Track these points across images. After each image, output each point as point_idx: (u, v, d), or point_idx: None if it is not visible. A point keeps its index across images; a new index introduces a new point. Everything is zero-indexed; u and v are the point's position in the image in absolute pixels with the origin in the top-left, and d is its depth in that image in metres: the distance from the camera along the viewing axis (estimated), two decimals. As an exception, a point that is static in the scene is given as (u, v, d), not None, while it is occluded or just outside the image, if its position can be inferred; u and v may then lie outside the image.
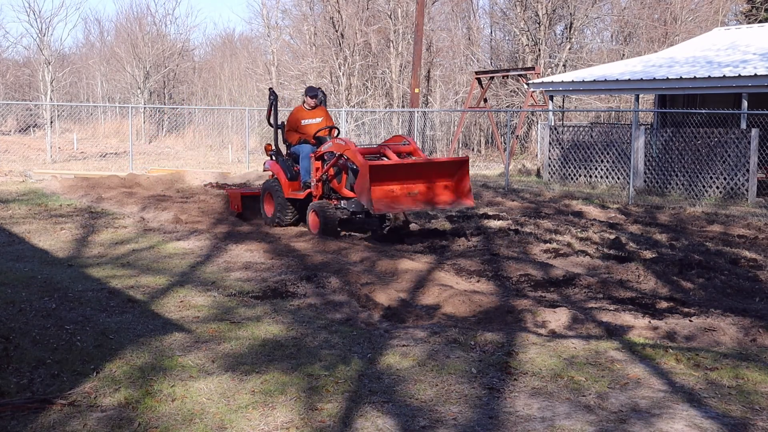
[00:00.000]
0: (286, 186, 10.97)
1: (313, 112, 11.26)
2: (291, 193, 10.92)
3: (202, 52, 56.20)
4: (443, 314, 6.69)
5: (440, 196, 9.59)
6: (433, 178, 9.63)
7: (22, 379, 4.70)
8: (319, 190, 10.53)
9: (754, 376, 5.03)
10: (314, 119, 11.23)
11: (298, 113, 11.31)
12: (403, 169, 9.50)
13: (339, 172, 10.32)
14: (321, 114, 11.33)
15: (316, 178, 10.55)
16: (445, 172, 9.71)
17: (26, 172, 18.85)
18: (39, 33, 36.22)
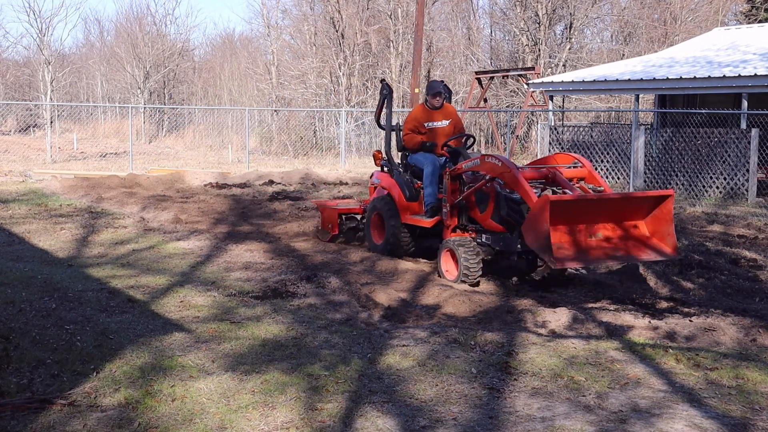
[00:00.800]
0: (404, 208, 8.69)
1: (439, 113, 8.94)
2: (410, 218, 8.63)
3: (202, 52, 56.25)
4: (443, 314, 6.69)
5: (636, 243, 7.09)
6: (621, 218, 7.12)
7: (22, 379, 4.70)
8: (453, 219, 8.16)
9: (754, 376, 5.02)
10: (440, 122, 8.93)
11: (419, 114, 9.01)
12: (590, 206, 6.95)
13: (485, 198, 7.83)
14: (449, 116, 9.02)
15: (450, 203, 8.09)
16: (641, 211, 7.17)
17: (26, 172, 18.86)
18: (39, 33, 36.24)
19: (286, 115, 32.41)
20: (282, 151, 28.89)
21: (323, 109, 31.51)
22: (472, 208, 8.01)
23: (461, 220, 8.16)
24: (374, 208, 9.14)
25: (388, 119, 9.24)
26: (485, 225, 7.88)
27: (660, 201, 7.11)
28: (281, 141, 30.09)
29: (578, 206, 6.87)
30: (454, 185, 8.08)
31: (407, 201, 8.71)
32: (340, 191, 16.01)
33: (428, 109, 8.94)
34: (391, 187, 8.97)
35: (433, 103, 8.89)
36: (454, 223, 8.17)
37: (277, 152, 28.88)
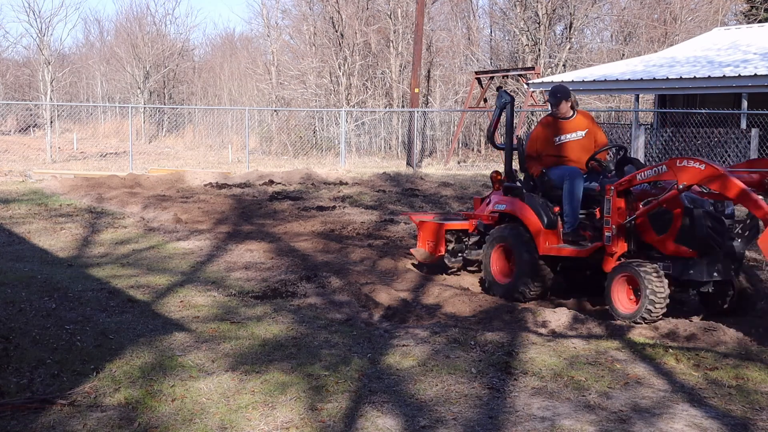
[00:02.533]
0: (542, 236, 7.10)
1: (572, 125, 7.41)
2: (550, 248, 7.10)
3: (202, 52, 56.25)
4: (444, 314, 6.69)
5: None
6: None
7: (22, 379, 4.70)
8: (620, 244, 6.65)
9: (754, 375, 5.02)
10: (574, 134, 7.40)
11: (547, 128, 7.49)
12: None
13: (662, 215, 6.46)
14: (585, 125, 7.48)
15: (615, 224, 6.57)
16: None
17: (26, 172, 18.85)
18: (39, 33, 36.22)
19: (286, 115, 32.41)
20: (282, 151, 28.90)
21: (323, 109, 31.50)
22: (645, 230, 6.57)
23: (630, 245, 6.66)
24: (499, 239, 7.46)
25: (508, 136, 7.69)
26: (666, 250, 6.46)
27: None
28: (281, 141, 30.09)
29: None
30: (619, 202, 6.56)
31: (545, 228, 7.10)
32: (341, 191, 16.02)
33: (558, 120, 7.43)
34: (524, 213, 7.26)
35: (564, 112, 7.38)
36: (622, 250, 6.63)
37: (277, 152, 28.88)
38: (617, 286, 6.49)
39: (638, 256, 6.63)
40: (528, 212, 7.24)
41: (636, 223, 6.57)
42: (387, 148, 30.78)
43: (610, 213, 6.59)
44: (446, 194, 16.00)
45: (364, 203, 14.31)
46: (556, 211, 7.19)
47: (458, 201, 14.86)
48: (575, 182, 7.01)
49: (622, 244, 6.63)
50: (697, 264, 6.31)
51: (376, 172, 20.17)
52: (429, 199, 14.96)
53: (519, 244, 7.23)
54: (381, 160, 26.75)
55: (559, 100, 7.33)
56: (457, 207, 13.88)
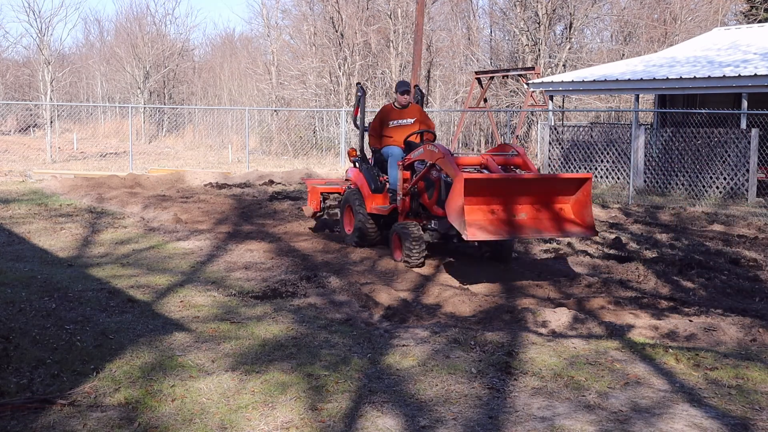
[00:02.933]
0: (369, 199, 9.24)
1: (405, 112, 9.46)
2: (374, 208, 9.16)
3: (202, 52, 56.26)
4: (444, 314, 6.69)
5: (553, 221, 7.60)
6: (545, 199, 7.65)
7: (22, 379, 4.70)
8: (406, 205, 8.76)
9: (754, 375, 5.02)
10: (404, 120, 9.43)
11: (385, 113, 9.53)
12: (507, 184, 7.49)
13: (431, 185, 8.46)
14: (414, 114, 9.52)
15: (403, 191, 8.70)
16: (561, 192, 7.70)
17: (26, 172, 18.86)
18: (39, 33, 36.23)
19: (286, 115, 32.41)
20: (282, 151, 28.90)
21: (323, 109, 31.50)
22: (422, 196, 8.66)
23: (413, 206, 8.78)
24: (346, 200, 9.75)
25: (362, 120, 9.88)
26: (432, 211, 8.51)
27: (580, 183, 7.60)
28: (281, 141, 30.09)
29: (492, 185, 7.41)
30: (406, 174, 8.75)
31: (373, 193, 9.27)
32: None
33: (395, 108, 9.54)
34: (360, 182, 9.51)
35: (401, 101, 9.47)
36: (407, 210, 8.80)
37: (277, 152, 28.88)
38: (393, 240, 8.68)
39: (418, 215, 8.74)
40: (362, 180, 9.45)
41: (417, 190, 8.65)
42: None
43: (400, 182, 8.75)
44: (446, 194, 15.99)
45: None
46: (383, 179, 9.30)
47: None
48: (393, 158, 9.12)
49: (407, 206, 8.77)
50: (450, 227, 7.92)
51: (376, 172, 20.16)
52: (429, 199, 14.95)
53: (357, 204, 9.39)
54: (381, 160, 26.72)
55: (405, 92, 9.40)
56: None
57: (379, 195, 9.25)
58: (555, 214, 7.65)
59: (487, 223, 7.33)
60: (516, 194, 7.52)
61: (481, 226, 7.25)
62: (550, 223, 7.58)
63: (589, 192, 7.58)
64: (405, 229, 8.40)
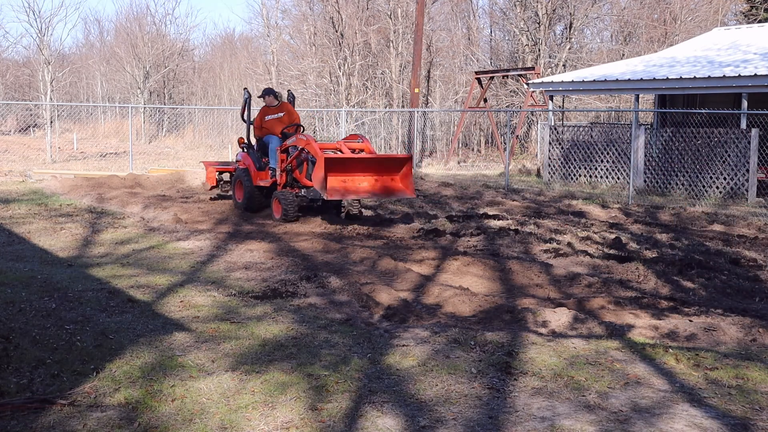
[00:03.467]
0: (255, 175, 12.32)
1: (276, 109, 12.53)
2: (259, 182, 12.26)
3: (202, 52, 56.28)
4: (444, 314, 6.69)
5: (386, 187, 10.91)
6: (380, 172, 10.88)
7: (22, 379, 4.70)
8: (283, 179, 11.93)
9: (754, 375, 5.02)
10: (277, 115, 12.51)
11: (263, 111, 12.60)
12: (354, 162, 10.76)
13: (300, 163, 11.62)
14: (284, 110, 12.57)
15: (280, 168, 11.93)
16: (391, 167, 10.97)
17: (26, 172, 18.86)
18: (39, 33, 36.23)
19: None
20: (282, 151, 28.87)
21: (323, 109, 31.50)
22: (294, 171, 11.78)
23: (288, 180, 11.90)
24: (237, 177, 12.70)
25: (248, 116, 13.07)
26: (302, 182, 11.62)
27: (405, 161, 11.01)
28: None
29: (344, 162, 10.68)
30: (283, 156, 11.93)
31: (257, 171, 12.30)
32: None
33: (269, 107, 12.59)
34: (248, 163, 12.54)
35: (270, 102, 12.56)
36: (284, 182, 11.92)
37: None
38: (274, 203, 11.66)
39: (292, 186, 11.90)
40: (249, 161, 12.55)
41: (291, 167, 11.78)
42: (387, 148, 30.79)
43: (278, 162, 11.97)
44: (447, 194, 16.00)
45: (364, 203, 14.32)
46: (265, 160, 12.31)
47: (459, 201, 14.85)
48: (272, 144, 12.10)
49: (283, 179, 11.94)
50: (314, 190, 11.19)
51: (376, 172, 20.15)
52: (429, 199, 14.95)
53: (245, 179, 12.40)
54: (381, 160, 26.71)
55: (267, 96, 12.56)
56: (457, 207, 13.88)
57: (263, 172, 12.22)
58: (387, 182, 10.89)
59: (340, 188, 10.53)
60: (360, 169, 10.77)
61: (336, 190, 10.48)
62: (383, 188, 10.85)
63: (410, 168, 10.97)
64: (283, 195, 11.46)
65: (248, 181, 12.30)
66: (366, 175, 10.80)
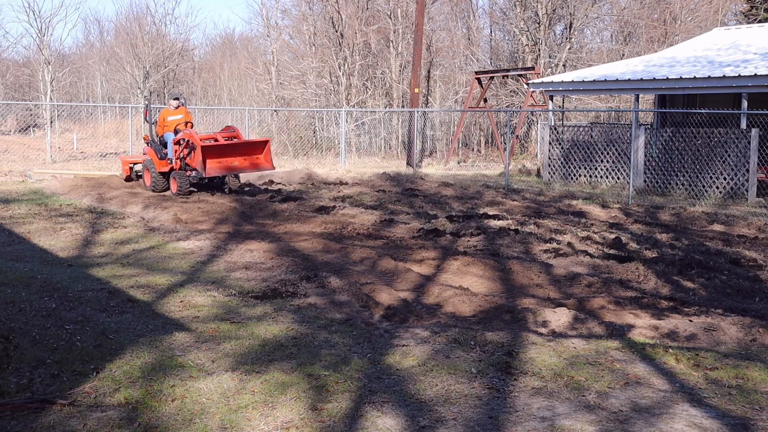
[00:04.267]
0: (158, 163, 15.23)
1: (176, 111, 15.59)
2: (161, 168, 15.21)
3: (202, 52, 56.26)
4: (444, 314, 6.69)
5: (252, 163, 14.46)
6: (247, 153, 14.41)
7: (22, 379, 4.70)
8: (177, 164, 15.01)
9: (754, 375, 5.02)
10: (176, 116, 15.51)
11: (165, 112, 15.68)
12: (224, 147, 14.22)
13: (190, 151, 14.63)
14: (181, 112, 15.65)
15: (175, 156, 14.97)
16: (254, 149, 14.53)
17: (26, 172, 18.85)
18: (39, 33, 36.23)
19: (285, 115, 32.41)
20: (282, 151, 28.90)
21: (323, 109, 31.50)
22: (186, 158, 14.81)
23: (182, 165, 14.95)
24: (145, 166, 15.63)
25: (150, 117, 16.02)
26: (192, 165, 14.58)
27: (265, 144, 14.67)
28: (281, 141, 30.09)
29: (217, 148, 14.11)
30: (177, 147, 14.93)
31: (159, 160, 15.23)
32: (341, 191, 16.07)
33: (170, 109, 15.64)
34: (152, 154, 15.43)
35: (173, 104, 15.66)
36: (178, 167, 14.97)
37: (277, 152, 28.86)
38: (171, 181, 14.89)
39: (185, 169, 14.91)
40: (153, 153, 15.40)
41: (183, 155, 14.82)
42: (387, 148, 30.79)
43: (173, 151, 14.96)
44: (447, 194, 15.99)
45: (365, 203, 14.31)
46: (165, 152, 15.20)
47: (459, 201, 14.85)
48: (169, 139, 15.15)
49: (178, 165, 14.97)
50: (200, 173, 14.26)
51: (376, 172, 20.17)
52: (429, 199, 14.95)
53: (151, 167, 15.34)
54: (381, 160, 26.75)
55: (175, 100, 15.73)
56: (457, 207, 13.88)
57: (163, 161, 15.22)
58: (253, 160, 14.49)
59: (216, 167, 14.05)
60: (231, 152, 14.27)
61: (212, 168, 14.00)
62: (250, 164, 14.44)
63: (269, 148, 14.68)
64: (178, 175, 14.72)
65: (153, 168, 15.25)
66: (236, 157, 14.27)
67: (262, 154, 14.55)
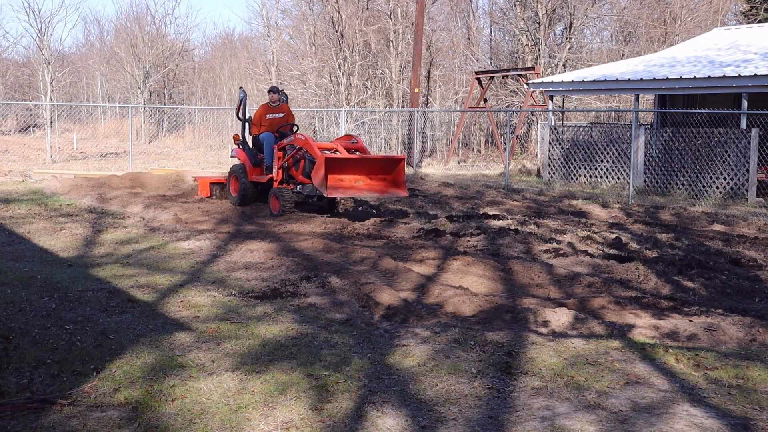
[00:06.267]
0: (251, 171, 12.99)
1: (277, 109, 13.21)
2: (254, 177, 12.93)
3: (202, 52, 56.26)
4: (444, 314, 6.68)
5: (380, 186, 11.54)
6: (375, 172, 11.52)
7: (22, 379, 4.70)
8: (279, 175, 12.53)
9: (754, 375, 5.02)
10: (278, 114, 13.19)
11: (264, 109, 13.22)
12: (351, 162, 11.43)
13: (297, 161, 12.25)
14: (284, 110, 13.29)
15: (277, 165, 12.50)
16: (385, 167, 11.62)
17: (26, 172, 18.85)
18: (39, 33, 36.23)
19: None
20: (282, 151, 28.87)
21: (323, 109, 31.49)
22: (290, 168, 12.39)
23: (285, 176, 12.48)
24: (233, 172, 13.22)
25: (243, 114, 13.53)
26: (298, 179, 12.24)
27: (398, 162, 11.56)
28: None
29: (343, 162, 11.25)
30: (279, 154, 12.49)
31: (253, 166, 12.93)
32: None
33: (270, 106, 13.17)
34: (244, 159, 13.17)
35: (273, 99, 13.14)
36: (280, 179, 12.50)
37: (277, 152, 28.85)
38: (272, 198, 12.22)
39: (288, 183, 12.44)
40: (244, 157, 13.13)
41: (288, 165, 12.34)
42: (387, 148, 30.77)
43: (274, 159, 12.51)
44: (447, 194, 15.99)
45: (365, 203, 14.31)
46: (261, 157, 12.88)
47: (459, 201, 14.85)
48: (269, 142, 12.67)
49: (280, 176, 12.48)
50: (311, 187, 11.87)
51: (376, 172, 20.14)
52: (430, 199, 14.95)
53: (241, 174, 12.98)
54: (381, 160, 26.70)
55: (274, 93, 13.10)
56: (457, 207, 13.88)
57: (258, 168, 12.90)
58: (381, 182, 11.50)
59: (339, 186, 11.18)
60: (356, 169, 11.36)
61: (336, 188, 11.15)
62: (378, 187, 11.47)
63: (403, 168, 11.56)
64: (280, 192, 12.09)
65: (244, 176, 12.93)
66: (362, 175, 11.42)
67: (392, 175, 11.53)
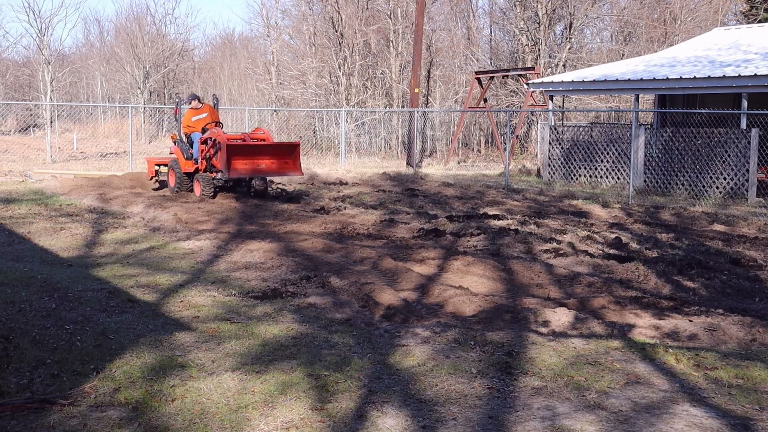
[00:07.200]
0: (183, 164, 14.81)
1: (201, 110, 15.20)
2: (186, 168, 14.80)
3: (202, 52, 56.29)
4: (445, 314, 6.68)
5: (279, 167, 13.65)
6: (274, 156, 13.64)
7: (22, 379, 4.69)
8: (203, 165, 14.46)
9: (755, 375, 5.02)
10: (201, 115, 15.12)
11: (190, 113, 15.18)
12: (252, 148, 13.56)
13: (216, 151, 13.92)
14: (207, 111, 15.25)
15: (201, 156, 14.48)
16: (282, 152, 13.76)
17: (26, 172, 18.85)
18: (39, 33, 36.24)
19: (285, 115, 32.41)
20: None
21: (323, 109, 31.49)
22: (213, 158, 14.15)
23: (207, 166, 14.39)
24: (170, 166, 15.32)
25: (180, 116, 15.50)
26: (218, 167, 13.92)
27: (295, 147, 13.90)
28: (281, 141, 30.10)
29: (244, 148, 13.48)
30: (203, 147, 14.40)
31: (185, 160, 14.78)
32: (342, 191, 16.07)
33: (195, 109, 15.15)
34: (178, 154, 15.00)
35: (196, 105, 15.17)
36: (204, 167, 14.45)
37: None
38: (195, 183, 14.36)
39: (210, 170, 14.32)
40: (179, 152, 14.95)
41: (210, 155, 14.16)
42: (387, 148, 30.78)
43: (200, 151, 14.45)
44: (447, 194, 15.99)
45: (365, 203, 14.31)
46: (191, 151, 14.74)
47: (459, 201, 14.85)
48: (196, 138, 14.65)
49: (203, 165, 14.43)
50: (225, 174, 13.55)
51: (377, 172, 20.17)
52: (430, 199, 14.95)
53: (176, 167, 14.99)
54: (381, 160, 26.74)
55: (195, 100, 15.19)
56: (458, 207, 13.87)
57: (189, 161, 14.75)
58: (281, 164, 13.66)
59: (241, 168, 13.40)
60: (258, 153, 13.57)
61: (236, 170, 13.35)
62: (278, 168, 13.63)
63: (298, 152, 13.85)
64: (202, 177, 14.18)
65: (178, 168, 14.91)
66: (263, 159, 13.55)
67: (291, 158, 13.69)
